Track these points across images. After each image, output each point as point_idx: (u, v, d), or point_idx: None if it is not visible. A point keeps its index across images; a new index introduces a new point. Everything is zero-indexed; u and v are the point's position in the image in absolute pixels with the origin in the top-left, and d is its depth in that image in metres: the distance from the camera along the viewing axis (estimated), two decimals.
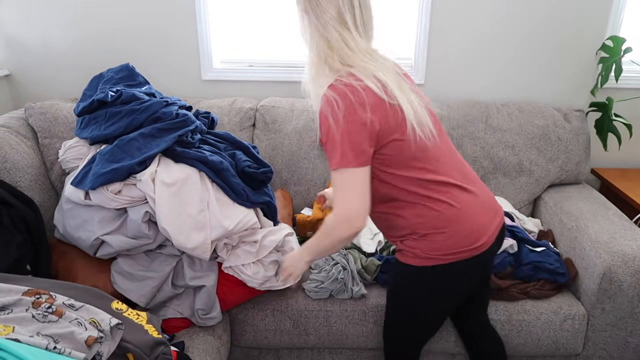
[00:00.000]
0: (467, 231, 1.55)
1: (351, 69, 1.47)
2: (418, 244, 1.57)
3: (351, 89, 1.42)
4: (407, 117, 1.48)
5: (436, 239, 1.54)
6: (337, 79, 1.46)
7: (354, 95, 1.42)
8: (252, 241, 2.03)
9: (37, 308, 1.29)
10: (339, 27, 1.50)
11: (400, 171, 1.52)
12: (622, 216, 2.31)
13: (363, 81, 1.44)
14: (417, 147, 1.51)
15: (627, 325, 2.10)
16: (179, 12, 2.77)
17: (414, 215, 1.56)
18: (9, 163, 2.06)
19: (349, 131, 1.41)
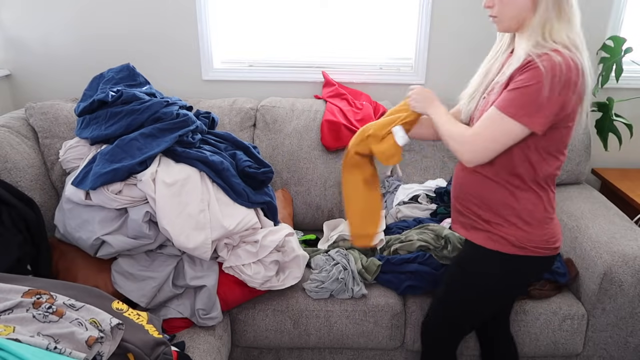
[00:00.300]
0: (556, 232, 1.62)
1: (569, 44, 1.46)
2: (515, 232, 1.58)
3: (575, 66, 1.42)
4: (583, 106, 1.51)
5: (534, 231, 1.57)
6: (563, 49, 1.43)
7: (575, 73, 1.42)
8: (253, 241, 2.03)
9: (38, 308, 1.30)
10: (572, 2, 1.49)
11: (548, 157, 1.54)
12: (623, 216, 2.31)
13: (582, 62, 1.45)
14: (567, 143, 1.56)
15: (627, 325, 2.10)
16: (179, 12, 2.77)
17: (528, 201, 1.57)
18: (10, 163, 2.06)
19: (550, 101, 1.41)
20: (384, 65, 2.93)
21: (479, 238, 1.66)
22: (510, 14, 1.51)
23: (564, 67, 1.39)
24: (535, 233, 1.58)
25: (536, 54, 1.43)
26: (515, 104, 1.44)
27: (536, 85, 1.40)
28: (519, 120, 1.43)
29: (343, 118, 2.60)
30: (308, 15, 2.85)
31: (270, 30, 2.89)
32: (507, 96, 1.46)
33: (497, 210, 1.60)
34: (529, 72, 1.42)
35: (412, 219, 2.41)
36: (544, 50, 1.43)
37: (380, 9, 2.84)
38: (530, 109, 1.42)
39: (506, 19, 1.53)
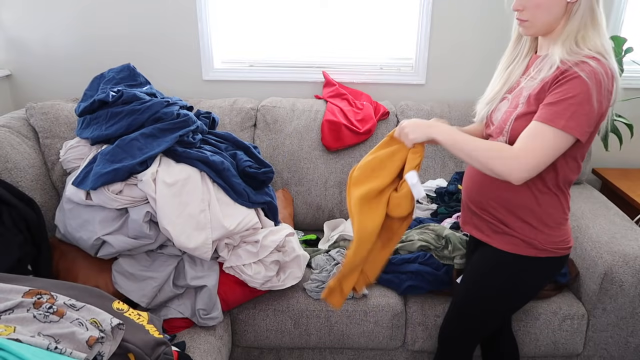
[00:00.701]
0: (569, 232, 1.64)
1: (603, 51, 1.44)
2: (537, 235, 1.58)
3: (612, 74, 1.41)
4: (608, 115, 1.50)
5: (554, 233, 1.58)
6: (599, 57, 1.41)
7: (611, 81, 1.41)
8: (253, 241, 2.03)
9: (38, 308, 1.30)
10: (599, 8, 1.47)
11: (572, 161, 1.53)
12: (623, 216, 2.31)
13: (615, 71, 1.43)
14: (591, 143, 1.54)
15: (628, 325, 2.10)
16: (179, 12, 2.77)
17: (549, 205, 1.57)
18: (10, 163, 2.06)
19: (593, 109, 1.39)
20: (384, 65, 2.93)
21: (499, 242, 1.64)
22: (544, 20, 1.49)
23: (605, 76, 1.39)
24: (554, 234, 1.58)
25: (573, 62, 1.41)
26: (562, 115, 1.39)
27: (583, 96, 1.38)
28: (569, 132, 1.40)
29: (343, 118, 2.60)
30: (308, 15, 2.85)
31: (271, 30, 2.90)
32: (552, 109, 1.41)
33: (519, 214, 1.59)
34: (571, 82, 1.39)
35: (412, 219, 2.41)
36: (579, 57, 1.41)
37: (381, 9, 2.84)
38: (580, 120, 1.39)
39: (539, 24, 1.50)
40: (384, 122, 2.68)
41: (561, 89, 1.41)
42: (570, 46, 1.44)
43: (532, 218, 1.58)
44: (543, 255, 1.60)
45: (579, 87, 1.38)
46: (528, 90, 1.51)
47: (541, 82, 1.47)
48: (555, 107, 1.41)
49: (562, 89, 1.40)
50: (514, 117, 1.52)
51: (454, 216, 2.32)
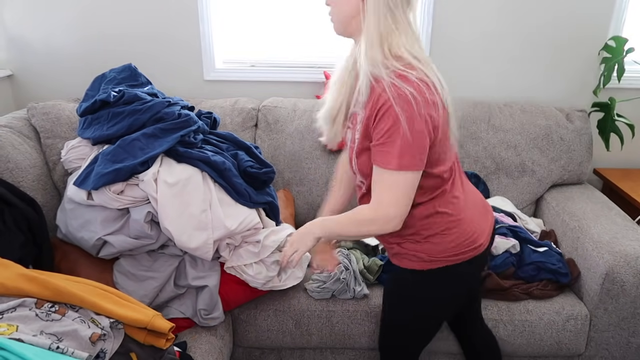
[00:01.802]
0: (468, 232, 1.54)
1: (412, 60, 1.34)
2: (421, 247, 1.52)
3: (424, 84, 1.32)
4: (450, 120, 1.43)
5: (440, 241, 1.51)
6: (404, 69, 1.33)
7: (428, 92, 1.32)
8: (255, 241, 2.03)
9: (41, 307, 1.30)
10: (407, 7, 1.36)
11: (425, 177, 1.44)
12: (625, 216, 2.31)
13: (429, 77, 1.35)
14: (445, 147, 1.45)
15: (629, 325, 2.09)
16: (181, 12, 2.78)
17: (422, 215, 1.50)
18: (12, 163, 2.06)
19: (421, 133, 1.32)
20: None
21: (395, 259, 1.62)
22: (339, 18, 1.42)
23: (417, 94, 1.30)
24: (444, 242, 1.51)
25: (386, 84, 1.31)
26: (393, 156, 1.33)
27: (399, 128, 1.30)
28: (406, 169, 1.34)
29: None
30: (309, 15, 2.85)
31: (272, 31, 2.90)
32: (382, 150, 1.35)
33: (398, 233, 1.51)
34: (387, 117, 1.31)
35: None
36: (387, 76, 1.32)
37: None
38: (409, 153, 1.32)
39: (335, 22, 1.44)
40: None
41: (381, 126, 1.33)
42: (375, 57, 1.34)
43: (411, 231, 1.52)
44: (434, 267, 1.53)
45: (392, 121, 1.31)
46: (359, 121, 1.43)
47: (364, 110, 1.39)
48: (384, 147, 1.34)
49: (380, 127, 1.34)
50: (355, 156, 1.48)
51: None
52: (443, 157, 1.46)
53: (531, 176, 2.65)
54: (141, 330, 1.40)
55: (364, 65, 1.36)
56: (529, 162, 2.63)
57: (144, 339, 1.41)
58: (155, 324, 1.39)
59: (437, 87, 1.36)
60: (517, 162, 2.63)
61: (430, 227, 1.51)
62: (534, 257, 2.19)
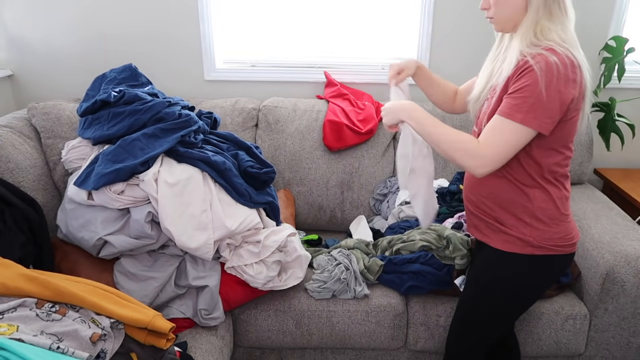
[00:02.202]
0: (570, 229, 1.61)
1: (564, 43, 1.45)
2: (532, 232, 1.57)
3: (571, 62, 1.41)
4: (584, 106, 1.50)
5: (551, 229, 1.57)
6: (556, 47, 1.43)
7: (572, 69, 1.41)
8: (255, 241, 2.03)
9: (41, 307, 1.30)
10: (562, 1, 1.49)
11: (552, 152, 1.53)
12: (625, 216, 2.31)
13: (577, 59, 1.43)
14: (573, 137, 1.55)
15: (629, 325, 2.09)
16: (181, 12, 2.78)
17: (540, 199, 1.56)
18: (12, 163, 2.06)
19: (551, 100, 1.41)
20: (386, 65, 2.93)
21: (496, 241, 1.65)
22: (506, 16, 1.53)
23: (561, 65, 1.39)
24: (552, 231, 1.57)
25: (530, 55, 1.43)
26: (520, 109, 1.42)
27: (536, 87, 1.40)
28: (527, 125, 1.42)
29: (345, 118, 2.60)
30: (310, 15, 2.85)
31: (273, 31, 2.90)
32: (510, 102, 1.45)
33: (511, 210, 1.59)
34: (527, 75, 1.42)
35: (414, 219, 2.41)
36: (537, 49, 1.44)
37: (383, 8, 2.83)
38: (537, 112, 1.41)
39: (502, 20, 1.54)
40: None
41: (519, 82, 1.44)
42: (529, 39, 1.47)
43: (524, 214, 1.58)
44: (540, 253, 1.58)
45: (532, 80, 1.41)
46: (498, 89, 1.53)
47: (505, 78, 1.50)
48: (513, 100, 1.44)
49: (519, 83, 1.44)
50: (486, 118, 1.56)
51: (456, 216, 2.32)
52: (571, 140, 1.55)
53: None
54: (142, 331, 1.41)
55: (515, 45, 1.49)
56: None
57: (145, 339, 1.41)
58: (155, 324, 1.39)
59: (582, 68, 1.44)
60: None
61: (545, 213, 1.56)
62: None
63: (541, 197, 1.56)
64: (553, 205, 1.56)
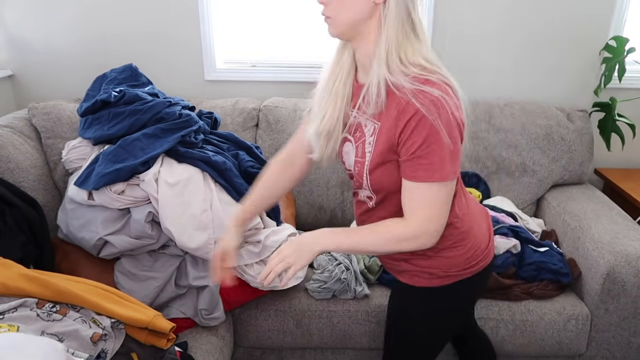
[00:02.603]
0: (478, 242, 1.47)
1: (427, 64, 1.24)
2: (434, 262, 1.43)
3: (448, 86, 1.23)
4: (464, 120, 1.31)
5: (452, 255, 1.43)
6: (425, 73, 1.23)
7: (452, 92, 1.23)
8: (255, 241, 2.03)
9: (42, 307, 1.30)
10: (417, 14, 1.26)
11: None
12: (626, 216, 2.31)
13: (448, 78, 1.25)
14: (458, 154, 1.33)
15: (630, 325, 2.09)
16: (182, 12, 2.77)
17: None
18: (13, 163, 2.06)
19: (457, 137, 1.24)
20: None
21: (403, 277, 1.52)
22: (346, 19, 1.29)
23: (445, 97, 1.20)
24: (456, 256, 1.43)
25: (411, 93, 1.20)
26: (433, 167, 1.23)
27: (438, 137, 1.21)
28: (449, 179, 1.26)
29: None
30: (311, 15, 2.85)
31: (273, 31, 2.89)
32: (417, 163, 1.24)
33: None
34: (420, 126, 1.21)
35: None
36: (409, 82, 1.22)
37: None
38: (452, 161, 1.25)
39: (341, 22, 1.31)
40: None
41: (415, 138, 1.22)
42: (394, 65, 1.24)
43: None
44: (452, 282, 1.45)
45: (430, 130, 1.20)
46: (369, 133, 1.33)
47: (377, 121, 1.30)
48: (420, 160, 1.24)
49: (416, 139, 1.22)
50: (367, 171, 1.36)
51: None
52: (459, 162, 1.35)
53: (532, 176, 2.65)
54: (142, 331, 1.41)
55: (378, 74, 1.25)
56: (529, 162, 2.63)
57: (145, 339, 1.41)
58: (156, 324, 1.39)
59: (455, 89, 1.27)
60: (517, 162, 2.63)
61: (441, 241, 1.36)
62: (534, 257, 2.19)
63: None
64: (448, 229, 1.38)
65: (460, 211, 1.43)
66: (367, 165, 1.35)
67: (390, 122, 1.26)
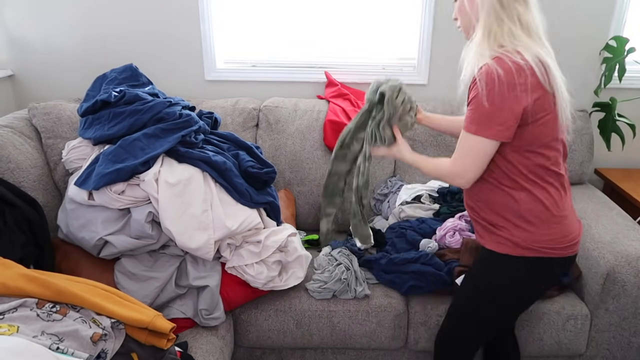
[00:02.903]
0: (567, 231, 1.60)
1: (517, 47, 1.48)
2: (520, 233, 1.58)
3: (517, 67, 1.44)
4: (558, 105, 1.51)
5: (539, 231, 1.57)
6: (504, 53, 1.46)
7: (518, 73, 1.44)
8: (256, 241, 2.03)
9: (42, 307, 1.30)
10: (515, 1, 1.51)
11: (529, 154, 1.54)
12: (626, 216, 2.31)
13: (529, 61, 1.45)
14: (552, 137, 1.54)
15: (630, 325, 2.09)
16: (182, 12, 2.78)
17: (526, 201, 1.57)
18: (13, 163, 2.06)
19: (501, 107, 1.45)
20: (386, 65, 2.93)
21: (490, 242, 1.67)
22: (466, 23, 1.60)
23: (503, 73, 1.43)
24: (540, 233, 1.57)
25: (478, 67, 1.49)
26: (472, 121, 1.51)
27: (479, 99, 1.46)
28: (482, 135, 1.49)
29: (346, 118, 2.60)
30: (311, 15, 2.85)
31: (273, 31, 2.89)
32: (466, 115, 1.53)
33: (501, 212, 1.61)
34: (474, 88, 1.49)
35: (414, 219, 2.41)
36: (485, 60, 1.48)
37: (383, 9, 2.83)
38: (487, 123, 1.48)
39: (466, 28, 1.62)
40: None
41: (470, 96, 1.52)
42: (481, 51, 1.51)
43: (512, 215, 1.59)
44: (531, 255, 1.59)
45: (476, 92, 1.47)
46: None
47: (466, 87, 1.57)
48: (467, 113, 1.53)
49: (470, 95, 1.52)
50: None
51: (457, 216, 2.32)
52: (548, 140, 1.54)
53: None
54: (142, 331, 1.41)
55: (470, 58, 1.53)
56: None
57: (145, 339, 1.41)
58: (156, 324, 1.39)
59: (536, 70, 1.45)
60: None
61: (532, 214, 1.57)
62: None
63: (527, 198, 1.57)
64: (541, 206, 1.57)
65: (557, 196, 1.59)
66: None
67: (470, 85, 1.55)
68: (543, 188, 1.57)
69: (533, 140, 1.52)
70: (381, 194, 2.62)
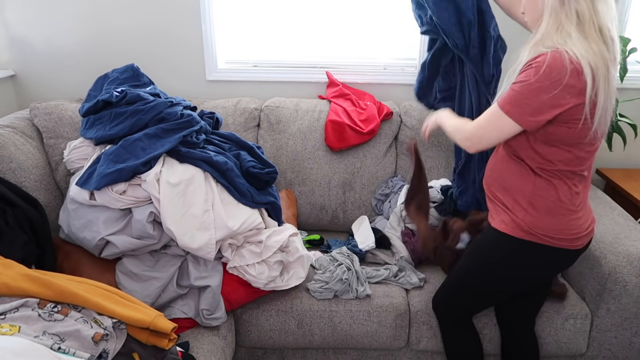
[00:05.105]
0: (573, 224, 1.64)
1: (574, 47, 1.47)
2: (525, 216, 1.65)
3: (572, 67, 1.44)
4: (596, 113, 1.50)
5: (543, 219, 1.63)
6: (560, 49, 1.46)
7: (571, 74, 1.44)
8: (257, 241, 2.03)
9: (43, 307, 1.30)
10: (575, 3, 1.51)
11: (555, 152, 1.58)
12: (627, 216, 2.31)
13: (580, 63, 1.45)
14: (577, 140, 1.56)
15: (632, 325, 2.09)
16: (183, 12, 2.78)
17: (541, 188, 1.62)
18: (14, 163, 2.06)
19: (541, 100, 1.48)
20: (388, 65, 2.93)
21: (496, 221, 1.74)
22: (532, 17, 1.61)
23: (559, 67, 1.44)
24: (545, 220, 1.63)
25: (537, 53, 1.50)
26: (510, 101, 1.53)
27: (527, 85, 1.48)
28: (512, 118, 1.53)
29: (347, 118, 2.60)
30: (312, 15, 2.85)
31: (275, 31, 2.89)
32: (507, 93, 1.55)
33: (513, 194, 1.68)
34: (525, 72, 1.51)
35: None
36: (544, 49, 1.49)
37: (384, 9, 2.83)
38: (521, 107, 1.51)
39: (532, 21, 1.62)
40: (388, 122, 2.68)
41: (519, 76, 1.53)
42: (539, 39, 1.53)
43: (522, 198, 1.66)
44: (530, 240, 1.66)
45: (526, 77, 1.49)
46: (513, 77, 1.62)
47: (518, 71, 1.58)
48: (508, 92, 1.55)
49: (519, 77, 1.53)
50: None
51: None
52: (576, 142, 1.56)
53: None
54: (144, 331, 1.41)
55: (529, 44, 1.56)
56: None
57: (147, 339, 1.41)
58: (157, 324, 1.39)
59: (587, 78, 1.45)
60: None
61: (541, 201, 1.63)
62: None
63: (544, 186, 1.62)
64: (555, 197, 1.62)
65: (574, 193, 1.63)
66: None
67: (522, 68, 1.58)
68: (564, 182, 1.62)
69: (559, 137, 1.55)
70: (382, 194, 2.62)
